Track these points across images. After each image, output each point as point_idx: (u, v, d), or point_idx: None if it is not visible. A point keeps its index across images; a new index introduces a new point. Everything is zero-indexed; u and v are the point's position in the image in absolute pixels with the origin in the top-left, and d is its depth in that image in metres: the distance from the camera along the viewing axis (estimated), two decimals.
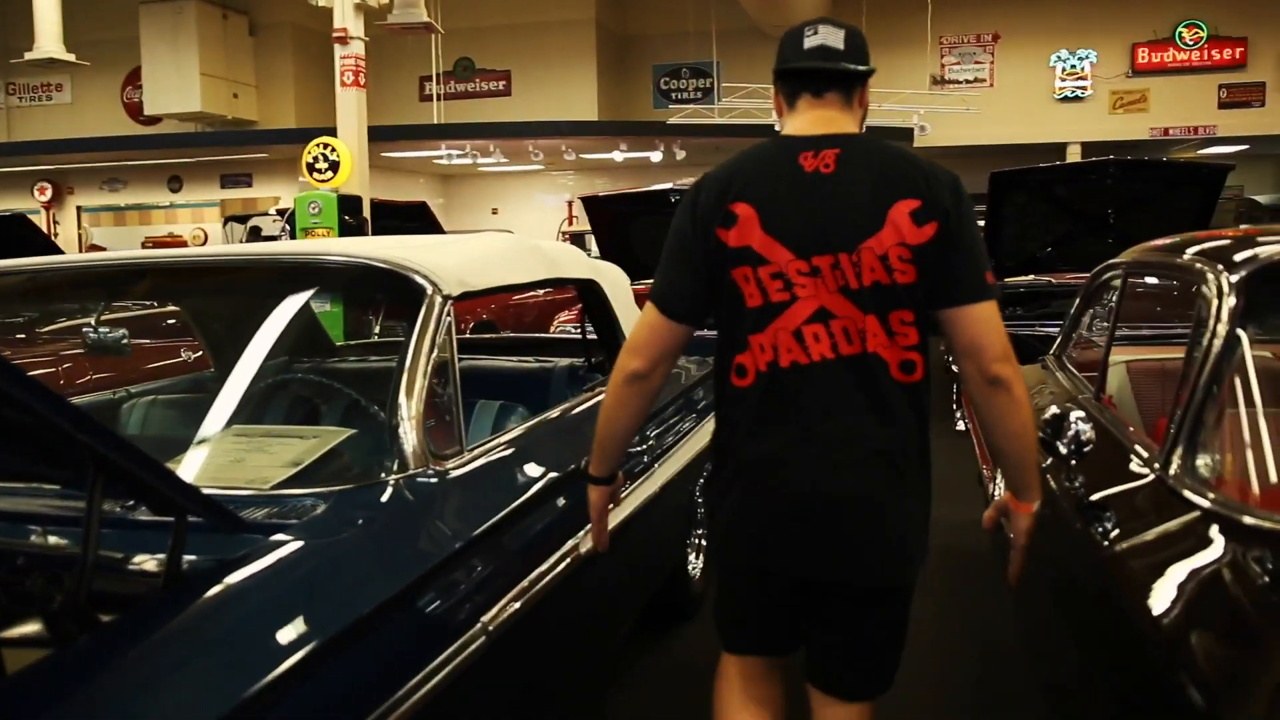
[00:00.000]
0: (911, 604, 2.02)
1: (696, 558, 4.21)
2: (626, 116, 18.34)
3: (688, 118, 15.12)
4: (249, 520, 1.73)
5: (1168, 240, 2.97)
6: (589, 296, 3.55)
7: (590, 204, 8.68)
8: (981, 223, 11.27)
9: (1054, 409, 2.28)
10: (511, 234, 3.10)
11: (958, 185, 1.91)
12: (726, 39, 17.71)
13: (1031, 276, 9.08)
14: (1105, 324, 4.83)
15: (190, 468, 2.12)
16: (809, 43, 1.92)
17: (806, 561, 1.92)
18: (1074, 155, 16.28)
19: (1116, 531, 2.08)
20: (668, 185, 8.39)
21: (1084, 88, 17.57)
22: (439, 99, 16.80)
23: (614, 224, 8.93)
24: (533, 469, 2.50)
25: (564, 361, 3.93)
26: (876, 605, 1.96)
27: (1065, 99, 17.69)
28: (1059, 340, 3.81)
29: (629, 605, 3.23)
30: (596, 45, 18.07)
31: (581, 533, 2.53)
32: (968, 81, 17.77)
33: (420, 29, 12.34)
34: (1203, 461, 2.00)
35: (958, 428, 5.23)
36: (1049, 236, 8.49)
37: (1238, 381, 1.99)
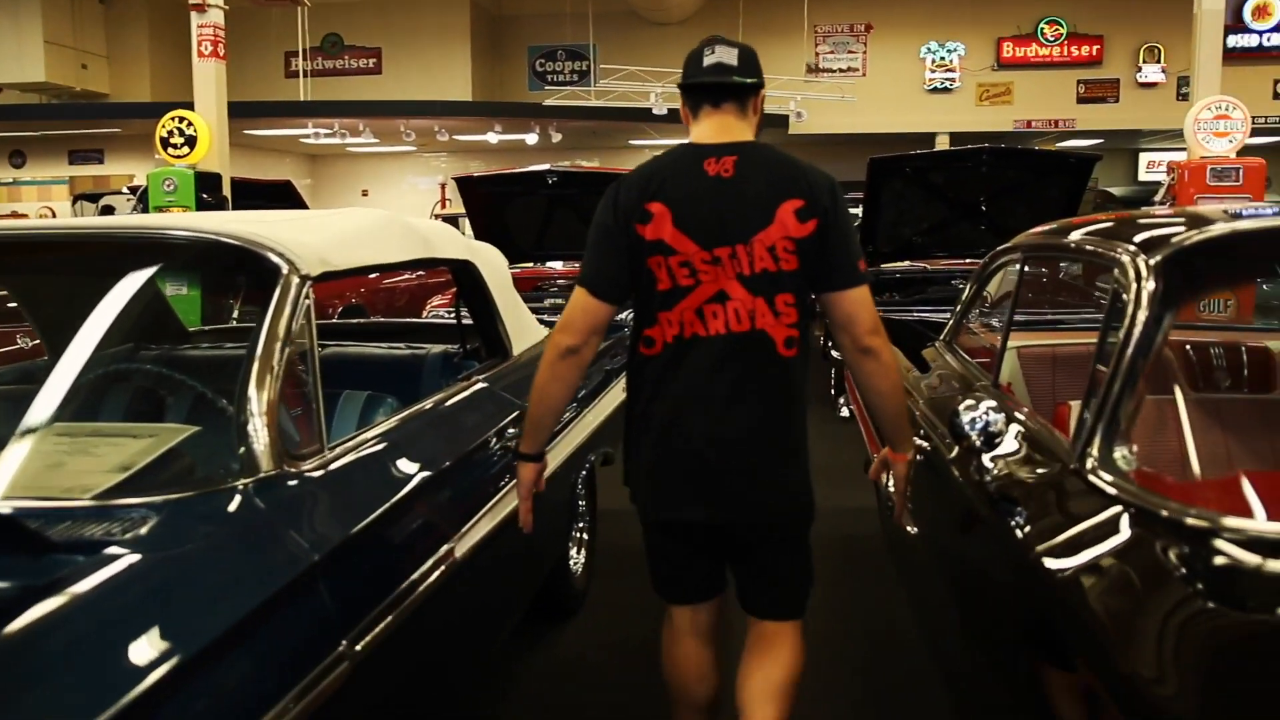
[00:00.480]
0: (809, 538, 2.38)
1: (578, 553, 4.02)
2: (501, 98, 17.93)
3: (564, 100, 14.85)
4: (59, 539, 1.45)
5: (1060, 224, 2.90)
6: (464, 279, 3.31)
7: (464, 184, 8.36)
8: (858, 210, 11.39)
9: (963, 400, 2.15)
10: (382, 211, 2.82)
11: (835, 187, 2.20)
12: (604, 22, 17.48)
13: (907, 263, 9.18)
14: (997, 309, 4.82)
15: None
16: (707, 61, 2.23)
17: (707, 508, 2.25)
18: (943, 145, 16.61)
19: (1029, 526, 1.97)
20: (545, 166, 8.13)
21: (952, 79, 17.95)
22: (306, 75, 16.13)
23: (490, 205, 8.63)
24: (403, 466, 2.26)
25: (437, 348, 3.68)
26: (776, 542, 2.33)
27: (935, 90, 18.04)
28: (949, 325, 3.74)
29: (509, 609, 3.03)
30: (471, 24, 17.58)
31: (456, 536, 2.31)
32: (841, 71, 17.94)
33: (285, 0, 11.79)
34: (1120, 453, 1.90)
35: (841, 414, 5.16)
36: (924, 222, 8.55)
37: (1157, 367, 1.89)
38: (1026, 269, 2.92)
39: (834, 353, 7.74)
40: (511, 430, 2.94)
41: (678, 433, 2.22)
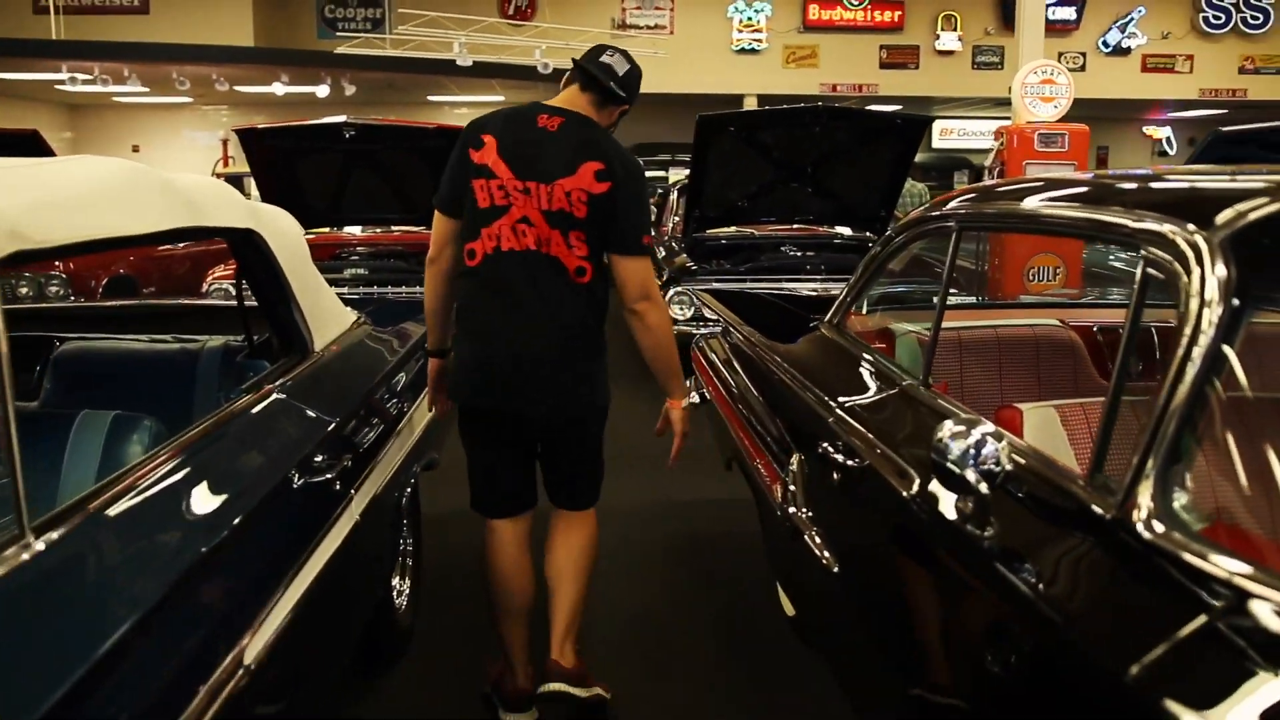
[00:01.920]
0: (601, 436, 2.89)
1: (403, 583, 3.32)
2: (289, 45, 16.43)
3: (357, 48, 13.67)
4: None
5: (1008, 185, 2.40)
6: (248, 253, 2.53)
7: (248, 138, 7.33)
8: (685, 173, 10.85)
9: (949, 425, 1.58)
10: (125, 162, 1.98)
11: (636, 168, 2.70)
12: None
13: (734, 228, 8.76)
14: (904, 287, 4.32)
15: None
16: (603, 59, 2.74)
17: (516, 401, 2.68)
18: (750, 106, 16.40)
19: (1057, 598, 1.43)
20: (341, 118, 7.20)
21: (759, 40, 17.75)
22: (58, 11, 14.25)
23: (278, 163, 7.63)
24: (158, 550, 1.53)
25: (217, 341, 2.88)
26: (570, 440, 2.82)
27: (742, 51, 17.79)
28: (837, 305, 3.21)
29: (323, 673, 2.31)
30: None
31: (248, 633, 1.61)
32: (649, 28, 17.44)
33: None
34: (1183, 501, 1.39)
35: (692, 399, 4.63)
36: (751, 185, 8.13)
37: (1229, 388, 1.39)
38: (959, 241, 2.40)
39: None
40: (320, 458, 2.21)
41: (497, 340, 2.65)
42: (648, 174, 10.73)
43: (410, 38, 13.58)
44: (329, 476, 2.16)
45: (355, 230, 8.83)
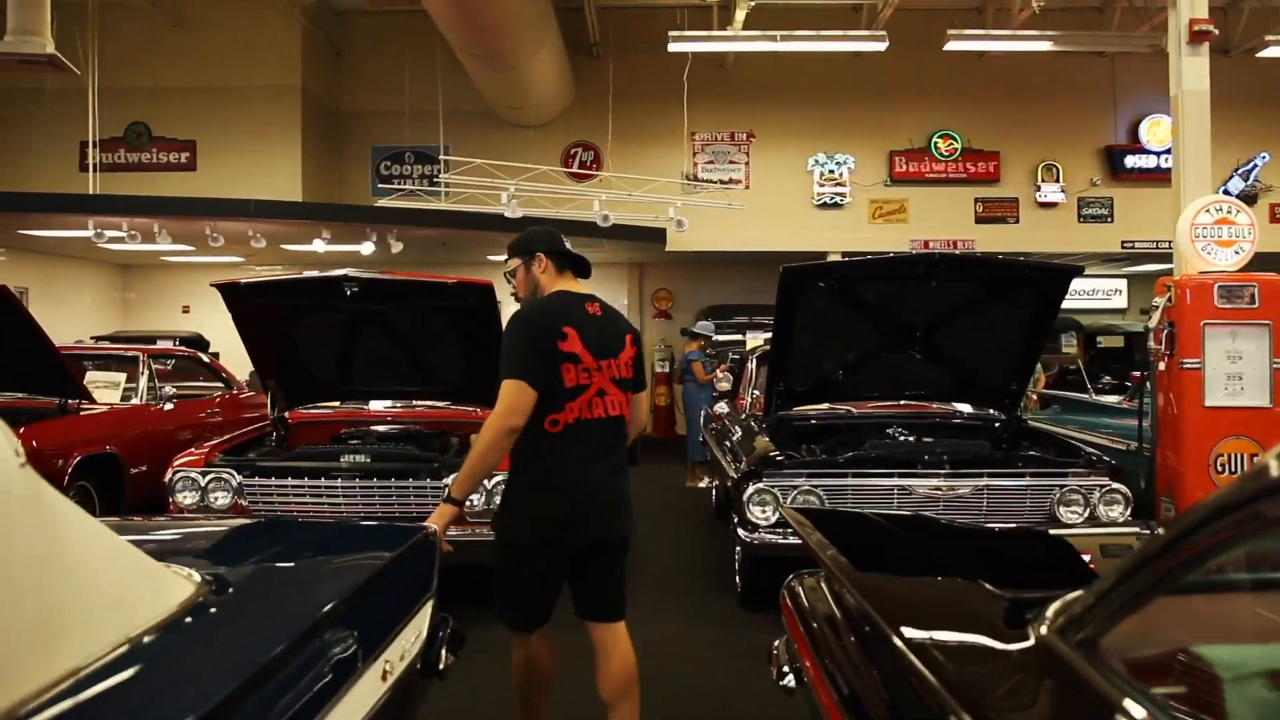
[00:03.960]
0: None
1: None
2: (341, 202, 15.72)
3: (402, 199, 12.73)
4: None
5: None
6: None
7: (231, 295, 6.11)
8: (764, 338, 9.39)
9: None
10: None
11: (637, 334, 3.72)
12: (456, 120, 15.59)
13: (826, 406, 7.24)
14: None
15: None
16: (566, 245, 3.74)
17: (611, 527, 3.53)
18: None
19: None
20: (341, 271, 5.95)
21: (843, 194, 16.55)
22: (96, 169, 13.66)
23: (270, 325, 6.39)
24: None
25: None
26: (623, 549, 3.62)
27: (824, 205, 16.59)
28: (1083, 607, 1.64)
29: None
30: (302, 116, 15.38)
31: None
32: (722, 183, 16.39)
33: (45, 65, 9.47)
34: None
35: (786, 684, 3.07)
36: (848, 352, 6.66)
37: None
38: None
39: (742, 533, 5.64)
40: None
41: (585, 479, 3.45)
42: (722, 337, 9.48)
43: (460, 188, 12.62)
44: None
45: (378, 405, 7.50)
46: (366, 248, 13.14)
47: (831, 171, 16.63)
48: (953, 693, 1.64)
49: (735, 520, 6.08)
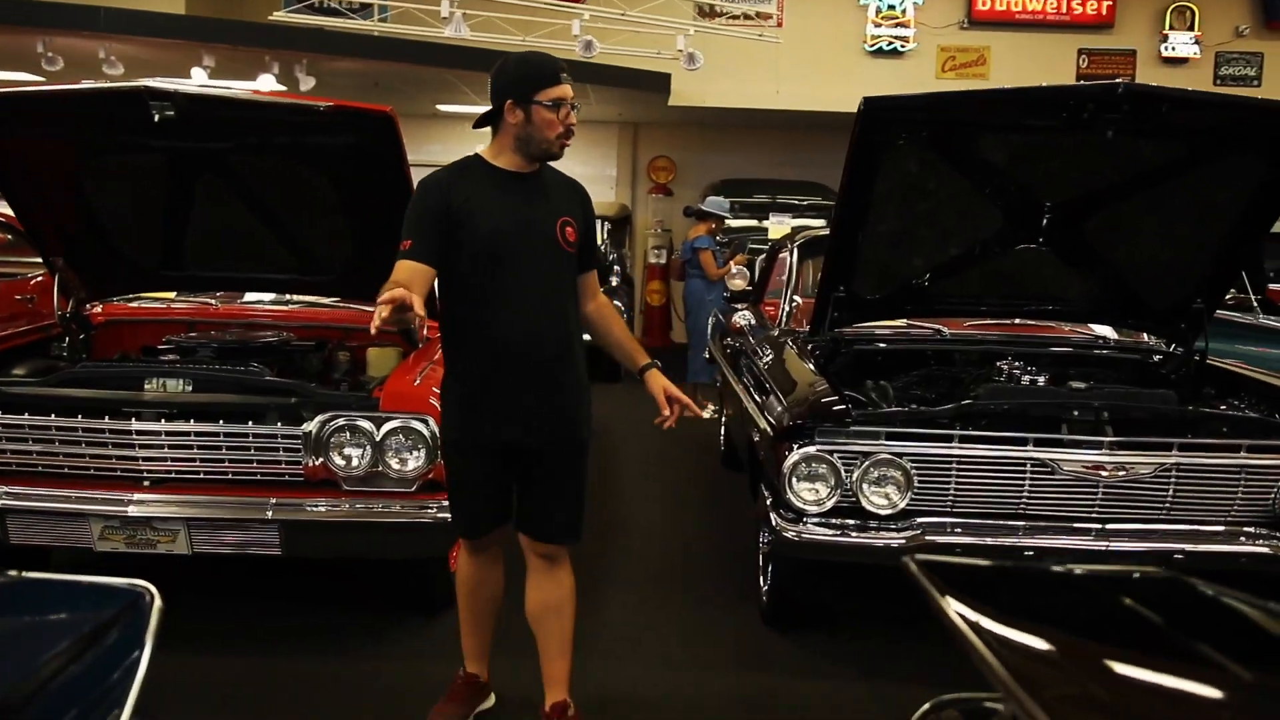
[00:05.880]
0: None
1: None
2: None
3: (302, 15, 10.92)
4: None
5: None
6: None
7: None
8: (785, 225, 7.97)
9: None
10: None
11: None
12: None
13: (903, 322, 5.72)
14: None
15: None
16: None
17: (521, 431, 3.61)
18: None
19: None
20: (141, 83, 4.34)
21: (905, 39, 14.93)
22: None
23: (47, 166, 4.81)
24: None
25: None
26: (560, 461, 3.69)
27: (879, 52, 14.99)
28: None
29: None
30: None
31: None
32: (747, 19, 14.69)
33: None
34: None
35: None
36: (950, 242, 5.14)
37: None
38: None
39: (778, 521, 4.06)
40: None
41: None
42: (737, 221, 3.86)
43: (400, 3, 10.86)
44: None
45: (214, 301, 5.97)
46: (265, 82, 11.43)
47: (892, 7, 15.03)
48: None
49: (766, 497, 4.58)
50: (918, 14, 15.02)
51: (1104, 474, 4.18)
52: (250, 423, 4.30)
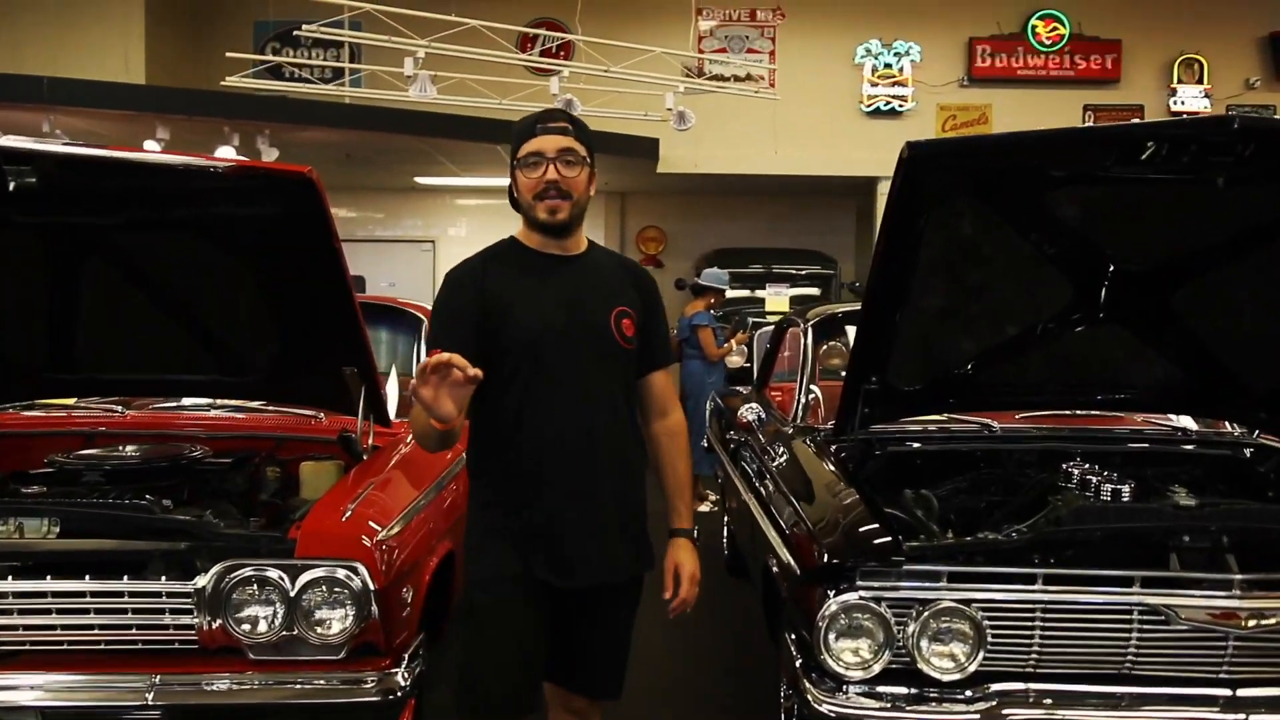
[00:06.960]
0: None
1: None
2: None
3: (258, 83, 10.09)
4: None
5: None
6: None
7: None
8: (783, 297, 7.74)
9: None
10: None
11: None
12: None
13: (944, 417, 4.79)
14: None
15: None
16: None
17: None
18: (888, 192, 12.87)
19: None
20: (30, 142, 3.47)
21: (903, 98, 14.48)
22: None
23: None
24: None
25: None
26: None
27: (877, 113, 14.48)
28: None
29: None
30: None
31: None
32: (737, 79, 14.08)
33: None
34: None
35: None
36: (1011, 317, 4.28)
37: None
38: None
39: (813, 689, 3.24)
40: None
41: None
42: (732, 293, 2.66)
43: (373, 68, 10.03)
44: None
45: (112, 407, 5.04)
46: (225, 154, 10.60)
47: (889, 66, 14.72)
48: None
49: (793, 653, 3.59)
50: (915, 72, 14.73)
51: (1235, 626, 3.19)
52: (125, 577, 3.32)
